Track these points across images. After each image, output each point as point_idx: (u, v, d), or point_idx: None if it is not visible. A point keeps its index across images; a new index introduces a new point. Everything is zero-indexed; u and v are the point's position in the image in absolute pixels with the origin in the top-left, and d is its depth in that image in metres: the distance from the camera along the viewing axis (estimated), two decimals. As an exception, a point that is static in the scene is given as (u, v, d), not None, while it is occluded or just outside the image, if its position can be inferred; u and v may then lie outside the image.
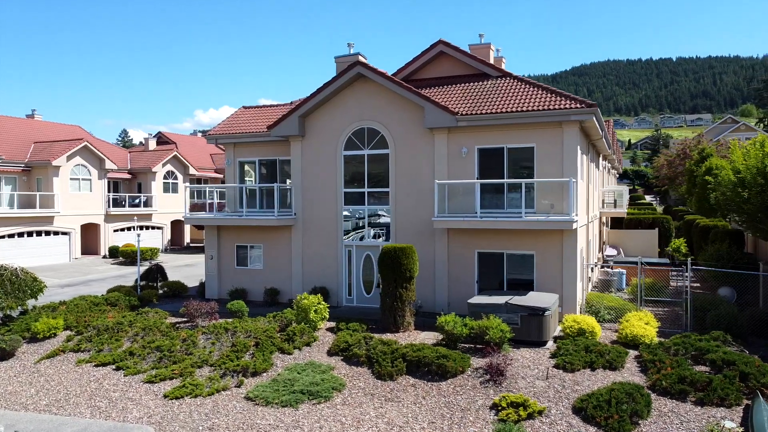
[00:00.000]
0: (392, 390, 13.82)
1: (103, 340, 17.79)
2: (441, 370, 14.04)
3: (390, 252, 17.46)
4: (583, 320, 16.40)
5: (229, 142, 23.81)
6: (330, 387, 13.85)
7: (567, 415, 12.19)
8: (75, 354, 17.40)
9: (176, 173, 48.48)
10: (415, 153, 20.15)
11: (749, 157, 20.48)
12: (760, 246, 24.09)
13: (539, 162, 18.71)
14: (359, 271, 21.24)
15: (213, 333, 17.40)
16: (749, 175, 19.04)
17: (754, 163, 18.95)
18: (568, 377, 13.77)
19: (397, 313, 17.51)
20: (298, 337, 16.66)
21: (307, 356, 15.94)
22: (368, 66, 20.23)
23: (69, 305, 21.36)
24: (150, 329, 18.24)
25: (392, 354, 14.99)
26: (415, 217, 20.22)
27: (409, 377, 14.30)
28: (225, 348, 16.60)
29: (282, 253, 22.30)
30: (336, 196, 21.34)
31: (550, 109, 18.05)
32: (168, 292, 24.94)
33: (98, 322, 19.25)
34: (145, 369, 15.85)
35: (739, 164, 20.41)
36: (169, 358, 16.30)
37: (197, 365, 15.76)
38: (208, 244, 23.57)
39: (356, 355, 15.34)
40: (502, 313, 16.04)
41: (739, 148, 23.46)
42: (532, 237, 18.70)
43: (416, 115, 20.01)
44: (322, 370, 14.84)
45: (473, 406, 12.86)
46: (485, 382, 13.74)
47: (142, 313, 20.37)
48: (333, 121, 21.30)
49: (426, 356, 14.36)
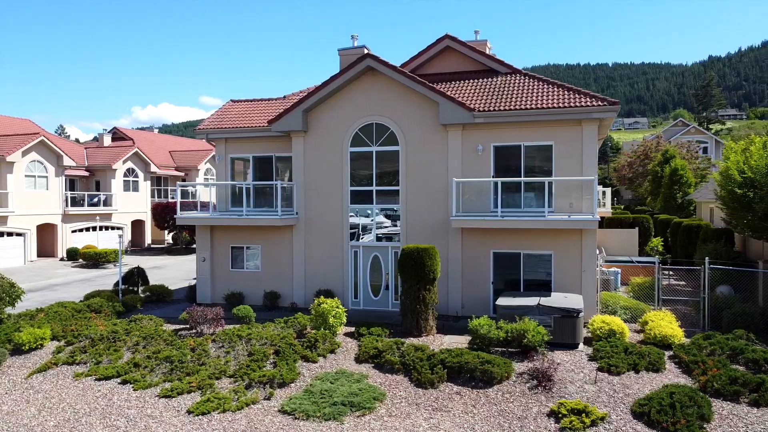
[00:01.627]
0: (437, 399, 13.10)
1: (101, 351, 16.30)
2: (486, 377, 13.42)
3: (412, 253, 16.71)
4: (612, 321, 16.14)
5: (221, 138, 22.49)
6: (371, 397, 13.01)
7: (629, 421, 11.79)
8: (70, 367, 15.86)
9: (137, 171, 46.07)
10: (428, 150, 19.47)
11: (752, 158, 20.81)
12: (749, 244, 24.63)
13: (558, 160, 18.38)
14: (366, 272, 20.39)
15: (225, 341, 16.20)
16: (759, 176, 19.28)
17: (764, 163, 19.21)
18: (616, 380, 13.41)
19: (420, 317, 16.79)
20: (321, 344, 15.68)
21: (334, 364, 15.00)
22: (379, 59, 19.41)
23: (48, 313, 19.64)
24: (152, 338, 16.86)
25: (428, 360, 14.28)
26: (427, 217, 19.55)
27: (451, 384, 13.62)
28: (242, 357, 15.45)
29: (282, 255, 21.18)
30: (342, 194, 20.41)
31: (572, 107, 17.75)
32: (151, 297, 23.38)
33: (89, 331, 17.68)
34: (156, 382, 14.54)
35: (742, 165, 20.71)
36: (181, 369, 15.03)
37: (215, 376, 14.58)
38: (200, 245, 22.17)
39: (390, 362, 14.52)
40: (534, 315, 15.58)
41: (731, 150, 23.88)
42: (551, 236, 18.36)
43: (429, 111, 19.33)
44: (355, 379, 13.96)
45: (529, 413, 12.30)
46: (533, 387, 13.21)
47: (135, 320, 18.87)
48: (339, 117, 20.36)
49: (468, 362, 13.71)
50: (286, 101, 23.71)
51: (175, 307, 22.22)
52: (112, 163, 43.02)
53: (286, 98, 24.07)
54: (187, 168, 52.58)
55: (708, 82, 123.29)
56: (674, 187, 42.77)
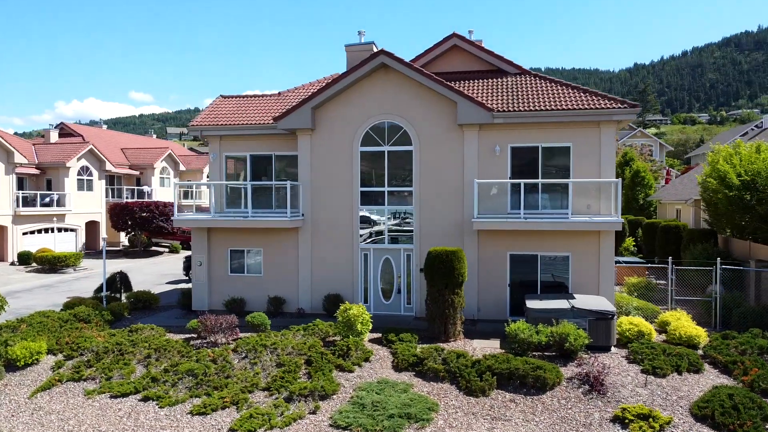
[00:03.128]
0: (492, 407, 12.69)
1: (109, 366, 14.99)
2: (539, 383, 13.11)
3: (440, 255, 16.25)
4: (639, 322, 16.21)
5: (215, 135, 21.28)
6: (425, 408, 12.45)
7: (693, 424, 11.74)
8: (77, 383, 14.50)
9: (91, 169, 43.44)
10: (443, 150, 19.04)
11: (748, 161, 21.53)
12: (731, 245, 25.51)
13: (576, 162, 18.36)
14: (377, 276, 19.76)
15: (249, 351, 15.22)
16: (760, 179, 19.93)
17: (765, 166, 19.87)
18: (664, 383, 13.39)
19: (449, 321, 16.35)
20: (354, 352, 14.98)
21: (372, 373, 14.33)
22: (393, 56, 18.81)
23: (32, 324, 18.02)
24: (164, 350, 15.66)
25: (473, 367, 13.86)
26: (441, 218, 19.12)
27: (502, 392, 13.23)
28: (271, 368, 14.54)
29: (286, 258, 20.24)
30: (351, 195, 19.70)
31: (594, 108, 17.75)
32: (137, 303, 21.90)
33: (87, 344, 16.27)
34: (182, 398, 13.45)
35: (739, 169, 21.39)
36: (207, 383, 13.98)
37: (247, 390, 13.63)
38: (195, 248, 20.90)
39: (433, 370, 13.99)
40: (568, 318, 15.42)
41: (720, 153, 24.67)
42: (568, 238, 18.32)
43: (445, 110, 18.91)
44: (401, 389, 13.35)
45: (591, 420, 12.07)
46: (587, 392, 13.00)
47: (134, 330, 17.54)
48: (348, 115, 19.62)
49: (518, 368, 13.37)
50: (281, 98, 22.76)
51: (167, 315, 20.92)
52: (66, 161, 40.36)
53: (282, 95, 23.09)
54: (142, 167, 50.12)
55: (645, 89, 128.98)
56: (636, 189, 44.15)
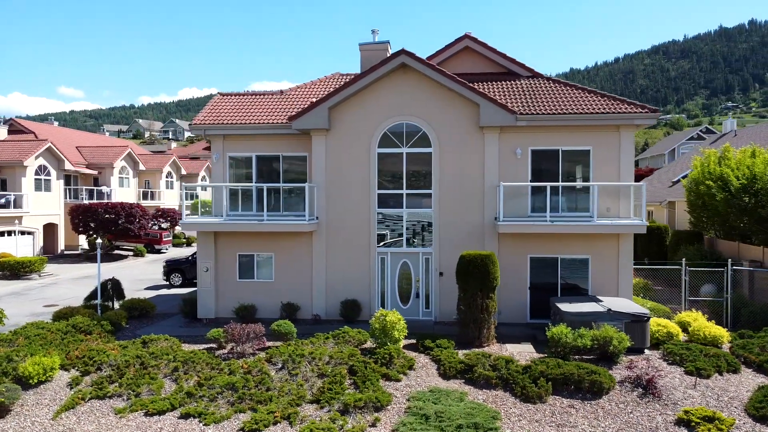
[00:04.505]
0: (553, 413, 12.54)
1: (135, 381, 13.98)
2: (595, 387, 13.07)
3: (476, 259, 16.02)
4: (666, 324, 16.47)
5: (218, 134, 20.33)
6: (489, 417, 12.17)
7: (754, 425, 11.94)
8: (102, 401, 13.44)
9: (49, 168, 40.93)
10: (463, 153, 18.83)
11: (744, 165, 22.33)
12: (717, 245, 26.47)
13: (595, 165, 18.52)
14: (395, 280, 19.35)
15: (286, 362, 14.53)
16: (761, 183, 20.68)
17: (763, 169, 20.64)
18: (710, 384, 13.62)
19: (483, 326, 16.14)
20: (397, 360, 14.54)
21: (420, 381, 13.93)
22: (415, 56, 18.45)
23: (29, 336, 16.70)
24: (192, 362, 14.75)
25: (524, 372, 13.69)
26: (461, 221, 18.90)
27: (558, 397, 13.12)
28: (313, 379, 13.92)
29: (299, 263, 19.54)
30: (369, 198, 19.21)
31: (616, 112, 17.94)
32: (133, 312, 20.68)
33: (102, 358, 15.16)
34: (227, 414, 12.67)
35: (737, 172, 22.16)
36: (249, 397, 13.24)
37: (294, 403, 12.98)
38: (202, 254, 19.86)
39: (484, 377, 13.73)
40: (605, 321, 15.49)
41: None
42: (588, 241, 18.47)
43: (466, 111, 18.71)
44: (456, 397, 13.03)
45: (656, 423, 12.10)
46: (642, 395, 13.05)
47: (147, 341, 16.49)
48: (365, 115, 19.13)
49: (573, 373, 13.29)
50: (284, 96, 22.00)
51: (169, 323, 19.87)
52: (24, 159, 37.85)
53: (284, 93, 22.33)
54: (100, 166, 47.69)
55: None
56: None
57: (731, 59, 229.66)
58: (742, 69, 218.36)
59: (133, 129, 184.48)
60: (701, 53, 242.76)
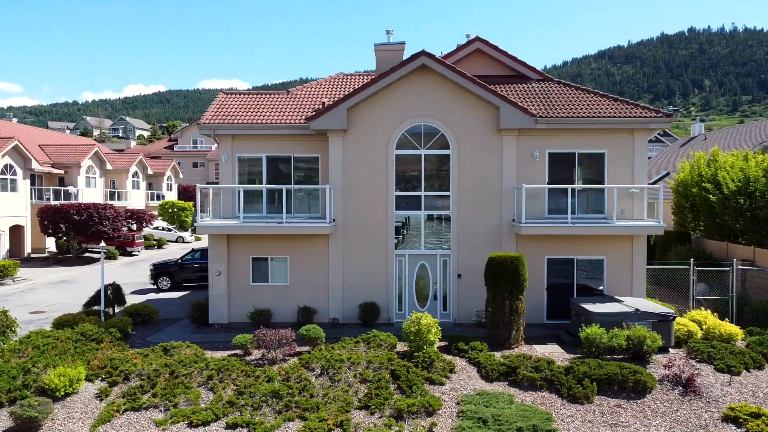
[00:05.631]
0: (603, 413, 12.71)
1: (171, 391, 13.42)
2: (639, 387, 13.31)
3: (506, 261, 16.10)
4: (686, 322, 16.95)
5: (227, 134, 19.78)
6: (544, 418, 12.23)
7: (794, 419, 12.40)
8: (137, 413, 12.85)
9: (15, 168, 38.93)
10: (481, 154, 18.91)
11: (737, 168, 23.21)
12: (704, 245, 27.42)
13: (610, 167, 18.91)
14: (412, 282, 19.25)
15: (327, 367, 14.23)
16: (758, 185, 21.53)
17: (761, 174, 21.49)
18: (742, 380, 14.08)
19: (513, 327, 16.24)
20: (438, 363, 14.45)
21: (463, 384, 13.88)
22: (435, 57, 18.41)
23: (39, 346, 15.84)
24: (226, 370, 14.27)
25: (567, 373, 13.83)
26: (479, 223, 18.97)
27: (603, 397, 13.30)
28: (356, 384, 13.69)
29: (315, 266, 19.19)
30: (386, 200, 19.05)
31: (632, 117, 18.36)
32: (137, 318, 19.88)
33: (126, 367, 14.52)
34: (276, 423, 12.29)
35: (732, 175, 23.02)
36: (295, 404, 12.91)
37: (344, 410, 12.73)
38: (214, 257, 19.25)
39: (529, 379, 13.79)
40: (633, 321, 15.82)
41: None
42: (604, 242, 18.83)
43: (484, 113, 18.79)
44: (506, 399, 13.04)
45: (704, 421, 12.41)
46: (683, 394, 13.38)
47: (169, 348, 15.88)
48: (384, 116, 18.96)
49: (617, 373, 13.50)
50: (291, 96, 21.62)
51: (178, 329, 19.24)
52: (-10, 158, 35.95)
53: (290, 92, 21.93)
54: (66, 165, 45.71)
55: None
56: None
57: (672, 65, 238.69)
58: (683, 74, 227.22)
59: (81, 127, 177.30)
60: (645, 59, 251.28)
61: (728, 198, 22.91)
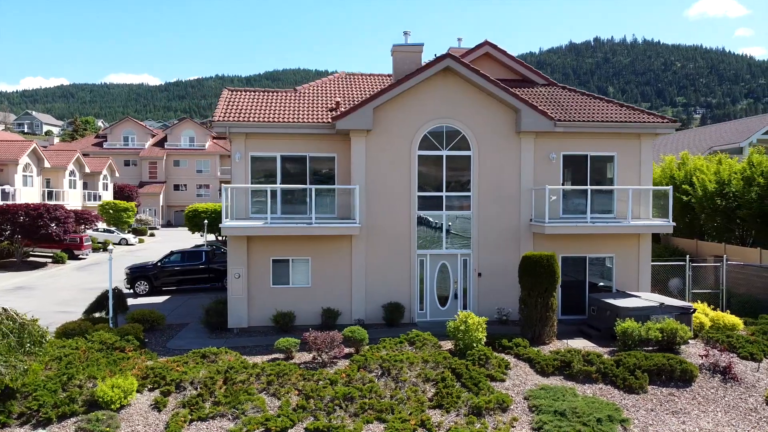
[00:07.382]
0: (660, 402, 13.45)
1: (236, 398, 12.93)
2: (687, 376, 14.18)
3: (543, 260, 16.62)
4: (697, 315, 18.11)
5: (240, 132, 19.20)
6: (613, 409, 12.81)
7: (825, 400, 13.65)
8: (206, 422, 12.33)
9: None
10: (501, 156, 19.39)
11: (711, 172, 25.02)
12: (673, 243, 29.32)
13: (619, 170, 19.91)
14: (433, 282, 19.44)
15: (387, 368, 14.17)
16: (735, 187, 23.31)
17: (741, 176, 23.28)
18: (765, 366, 15.29)
19: (547, 324, 16.79)
20: (493, 360, 14.73)
21: (522, 380, 14.23)
22: (460, 60, 18.71)
23: (62, 357, 14.87)
24: (284, 375, 13.91)
25: (618, 366, 14.51)
26: (498, 223, 19.44)
27: (654, 387, 14.07)
28: (420, 384, 13.74)
29: (338, 267, 18.96)
30: (409, 200, 19.14)
31: (641, 122, 19.44)
32: (144, 324, 18.88)
33: (179, 377, 13.84)
34: (356, 426, 12.14)
35: (709, 176, 24.80)
36: (369, 406, 12.80)
37: (419, 410, 12.75)
38: (233, 259, 18.58)
39: (585, 372, 14.34)
40: (658, 314, 16.77)
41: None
42: (614, 241, 19.80)
43: (504, 116, 19.28)
44: (570, 393, 13.50)
45: (750, 405, 13.41)
46: (723, 381, 14.37)
47: (209, 355, 15.23)
48: (406, 117, 19.03)
49: (665, 364, 14.31)
50: (298, 94, 21.25)
51: (191, 334, 18.62)
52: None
53: (298, 91, 21.55)
54: (2, 163, 42.42)
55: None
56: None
57: (580, 72, 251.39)
58: (589, 81, 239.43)
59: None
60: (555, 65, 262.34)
61: (705, 199, 24.66)
